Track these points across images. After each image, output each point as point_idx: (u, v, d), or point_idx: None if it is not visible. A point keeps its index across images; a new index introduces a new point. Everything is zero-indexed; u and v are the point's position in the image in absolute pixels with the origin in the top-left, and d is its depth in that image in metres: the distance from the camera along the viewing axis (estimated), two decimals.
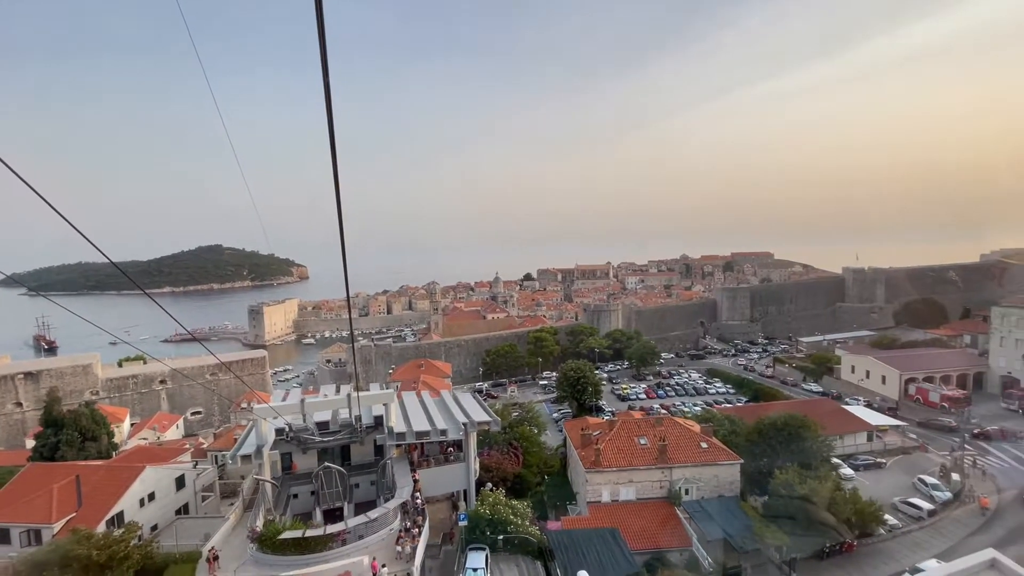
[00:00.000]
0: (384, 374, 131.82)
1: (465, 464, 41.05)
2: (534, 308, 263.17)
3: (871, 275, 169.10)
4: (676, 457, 39.58)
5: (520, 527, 32.97)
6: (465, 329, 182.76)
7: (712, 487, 39.27)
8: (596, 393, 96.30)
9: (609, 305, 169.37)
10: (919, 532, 39.07)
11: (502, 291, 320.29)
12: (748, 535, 32.89)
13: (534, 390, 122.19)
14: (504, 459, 50.17)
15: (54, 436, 48.60)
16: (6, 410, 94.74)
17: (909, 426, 66.67)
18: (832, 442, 47.50)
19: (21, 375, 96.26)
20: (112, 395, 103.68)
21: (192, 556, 30.93)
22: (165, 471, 44.28)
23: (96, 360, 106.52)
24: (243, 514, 36.60)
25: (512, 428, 59.25)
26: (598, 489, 38.90)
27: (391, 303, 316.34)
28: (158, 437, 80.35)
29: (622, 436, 41.50)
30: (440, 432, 39.18)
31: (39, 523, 36.71)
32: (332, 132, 6.16)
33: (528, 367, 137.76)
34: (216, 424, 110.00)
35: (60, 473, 41.52)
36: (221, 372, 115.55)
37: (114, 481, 40.39)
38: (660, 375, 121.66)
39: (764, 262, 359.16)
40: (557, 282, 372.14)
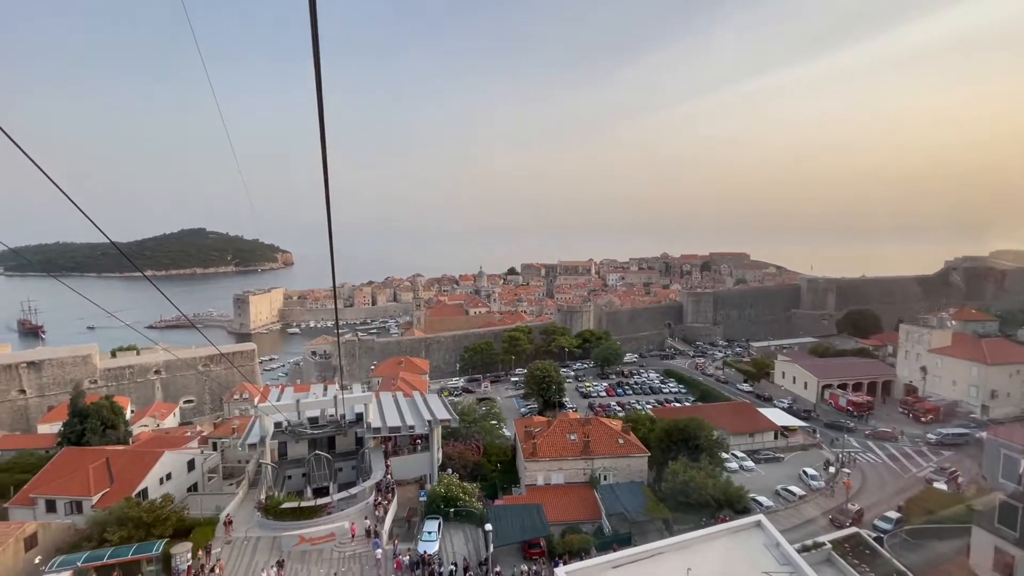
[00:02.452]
0: (367, 368, 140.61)
1: (429, 453, 50.72)
2: (515, 303, 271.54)
3: (824, 284, 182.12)
4: (598, 450, 49.54)
5: (468, 503, 42.66)
6: (447, 324, 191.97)
7: (625, 474, 49.30)
8: (560, 391, 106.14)
9: (581, 307, 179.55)
10: (785, 511, 49.96)
11: (485, 285, 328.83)
12: (641, 510, 42.88)
13: (506, 386, 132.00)
14: (466, 449, 59.72)
15: (80, 424, 56.91)
16: (10, 397, 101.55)
17: (817, 427, 78.07)
18: (727, 440, 58.17)
19: (24, 364, 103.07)
20: (109, 384, 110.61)
21: (211, 521, 39.88)
22: (179, 455, 53.04)
23: (95, 351, 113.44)
24: (249, 490, 45.70)
25: (475, 423, 69.08)
26: (534, 475, 48.78)
27: (376, 294, 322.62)
28: (158, 424, 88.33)
29: (557, 433, 51.34)
30: (409, 427, 48.71)
31: (80, 496, 45.29)
32: (322, 118, 6.21)
33: (503, 364, 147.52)
34: (207, 412, 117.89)
35: (91, 456, 49.98)
36: (213, 363, 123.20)
37: (138, 463, 49.05)
38: (622, 374, 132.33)
39: (740, 263, 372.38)
40: (540, 277, 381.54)
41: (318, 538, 37.26)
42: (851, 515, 46.37)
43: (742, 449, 66.47)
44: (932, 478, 56.47)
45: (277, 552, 36.23)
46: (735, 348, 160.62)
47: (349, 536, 38.25)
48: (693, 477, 43.35)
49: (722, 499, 42.82)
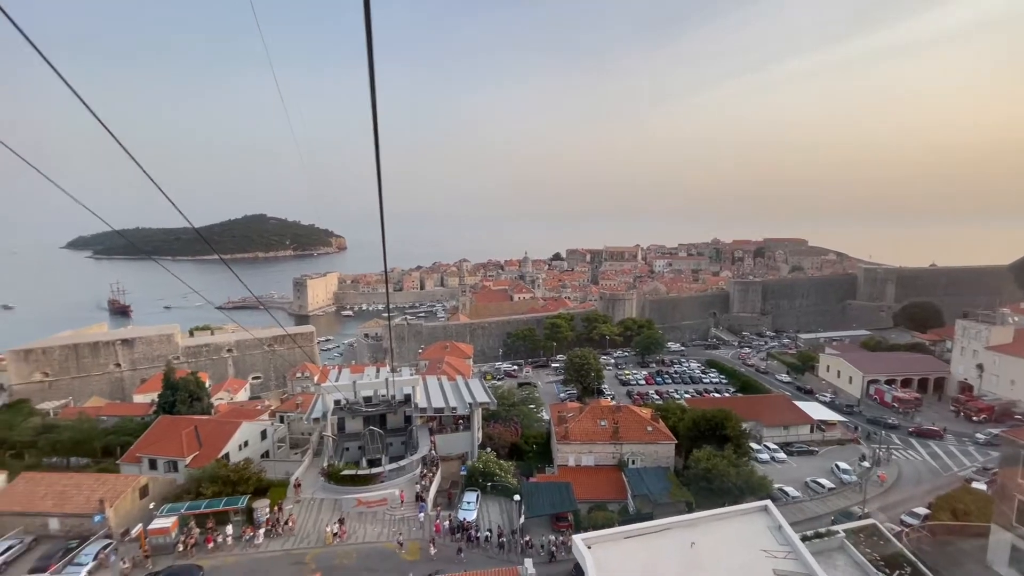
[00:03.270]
0: (415, 351, 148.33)
1: (470, 433, 55.55)
2: (559, 289, 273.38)
3: (882, 274, 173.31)
4: (626, 436, 52.56)
5: (503, 478, 47.09)
6: (491, 310, 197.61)
7: (652, 460, 52.11)
8: (598, 378, 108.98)
9: (624, 295, 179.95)
10: (810, 502, 51.40)
11: (530, 271, 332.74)
12: (665, 493, 45.73)
13: (547, 372, 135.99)
14: (505, 430, 64.26)
15: (171, 396, 65.72)
16: (108, 370, 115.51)
17: (859, 422, 77.24)
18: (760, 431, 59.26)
19: (119, 341, 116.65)
20: (189, 360, 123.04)
21: (283, 483, 46.28)
22: (254, 426, 60.47)
23: (176, 330, 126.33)
24: (313, 458, 52.06)
25: (515, 406, 73.52)
26: (566, 456, 52.53)
27: (424, 279, 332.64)
28: (232, 398, 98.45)
29: (588, 418, 54.72)
30: (451, 408, 53.65)
31: (175, 457, 53.12)
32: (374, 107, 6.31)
33: (544, 350, 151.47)
34: (273, 388, 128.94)
35: (182, 424, 57.99)
36: (277, 343, 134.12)
37: (222, 431, 56.60)
38: (662, 363, 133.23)
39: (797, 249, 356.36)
40: (585, 263, 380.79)
41: (373, 502, 42.79)
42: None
43: (775, 441, 67.39)
44: (972, 478, 55.78)
45: (338, 511, 42.00)
46: (782, 339, 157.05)
47: (399, 502, 43.57)
48: (716, 464, 45.73)
49: (744, 487, 44.99)
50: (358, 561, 36.48)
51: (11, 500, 39.59)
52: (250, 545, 37.97)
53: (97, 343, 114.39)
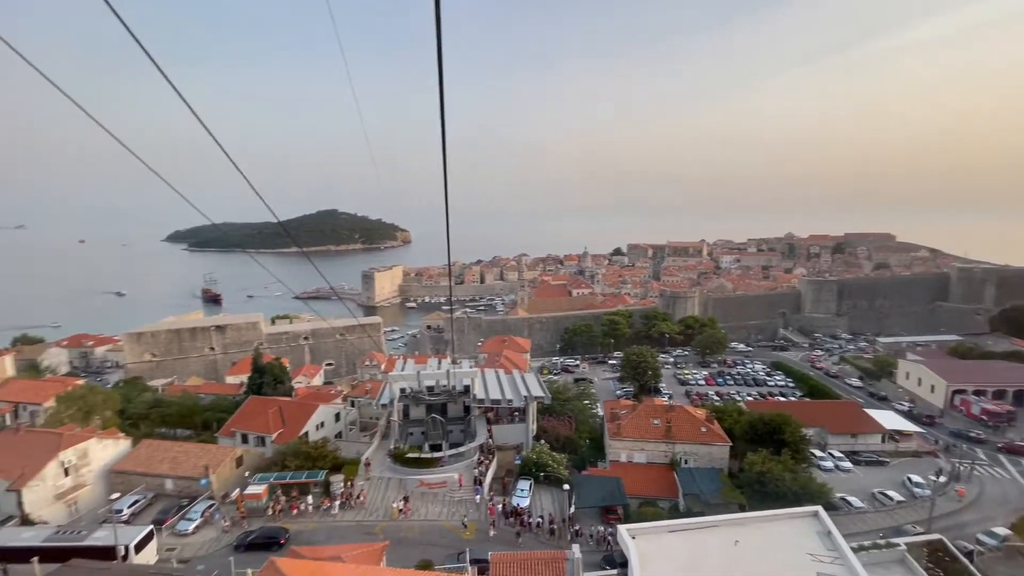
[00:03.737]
0: (474, 344, 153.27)
1: (525, 425, 58.09)
2: (619, 285, 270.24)
3: (980, 274, 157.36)
4: (679, 435, 52.91)
5: (556, 469, 49.22)
6: (549, 305, 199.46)
7: (705, 461, 52.17)
8: (655, 376, 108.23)
9: (686, 292, 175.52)
10: (875, 513, 49.43)
11: (590, 266, 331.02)
12: (717, 494, 45.90)
13: (604, 368, 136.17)
14: (559, 424, 66.30)
15: (259, 378, 73.35)
16: (204, 353, 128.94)
17: (940, 435, 72.13)
18: (824, 438, 57.12)
19: (214, 327, 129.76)
20: (271, 346, 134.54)
21: (355, 462, 50.99)
22: (329, 409, 66.35)
23: (261, 319, 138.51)
24: (381, 441, 56.65)
25: (569, 401, 75.29)
26: (617, 452, 53.77)
27: (484, 273, 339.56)
28: (308, 383, 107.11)
29: (641, 416, 55.50)
30: (507, 401, 56.40)
31: (263, 432, 59.56)
32: (442, 102, 6.43)
33: (601, 347, 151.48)
34: (344, 374, 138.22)
35: (269, 404, 64.71)
36: (348, 332, 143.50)
37: (302, 412, 62.68)
38: (724, 364, 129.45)
39: (882, 245, 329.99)
40: (647, 258, 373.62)
41: (434, 483, 46.40)
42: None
43: (841, 449, 64.69)
44: None
45: (403, 490, 45.93)
46: (859, 343, 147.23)
47: (458, 485, 46.90)
48: (771, 469, 45.34)
49: (801, 492, 44.29)
50: (420, 535, 40.04)
51: (136, 462, 46.73)
52: (327, 514, 42.66)
53: (195, 328, 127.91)
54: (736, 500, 45.20)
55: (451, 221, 11.45)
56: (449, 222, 11.23)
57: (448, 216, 10.94)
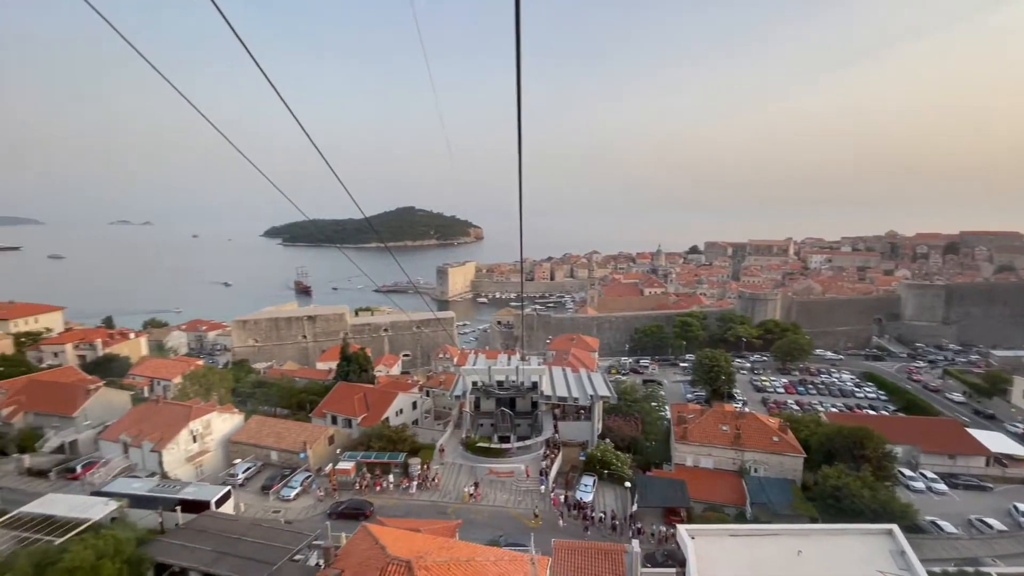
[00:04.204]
0: (543, 341, 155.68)
1: (590, 423, 59.61)
2: (694, 285, 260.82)
3: None
4: (749, 443, 51.87)
5: (620, 468, 50.39)
6: (619, 304, 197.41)
7: (777, 471, 50.75)
8: (729, 381, 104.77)
9: (767, 294, 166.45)
10: (969, 540, 45.71)
11: (663, 264, 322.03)
12: (787, 505, 44.75)
13: (674, 371, 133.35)
14: (625, 424, 66.99)
15: (347, 366, 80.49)
16: (297, 341, 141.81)
17: None
18: (916, 457, 52.97)
19: (306, 317, 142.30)
20: (355, 336, 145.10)
21: (430, 447, 55.20)
22: (407, 397, 71.58)
23: (346, 310, 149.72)
24: (453, 430, 60.63)
25: (636, 402, 75.50)
26: (684, 456, 53.71)
27: (554, 270, 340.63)
28: (387, 372, 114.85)
29: (709, 422, 54.92)
30: (574, 399, 58.22)
31: (350, 415, 65.59)
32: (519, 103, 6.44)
33: (673, 348, 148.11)
34: (419, 365, 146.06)
35: (355, 390, 70.97)
36: (424, 326, 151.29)
37: (383, 398, 68.23)
38: (808, 372, 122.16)
39: (1006, 245, 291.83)
40: (726, 257, 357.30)
41: (502, 472, 49.36)
42: None
43: (936, 470, 59.76)
44: None
45: (473, 476, 49.31)
46: (970, 355, 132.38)
47: (524, 476, 49.54)
48: (848, 484, 43.59)
49: (880, 511, 42.25)
50: (489, 519, 43.06)
51: (248, 435, 53.84)
52: (406, 493, 46.93)
53: (290, 318, 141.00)
54: (807, 513, 44.02)
55: (523, 217, 11.40)
56: (523, 221, 11.30)
57: (522, 215, 10.98)
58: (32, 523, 32.15)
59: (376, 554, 21.92)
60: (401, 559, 20.07)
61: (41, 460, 48.82)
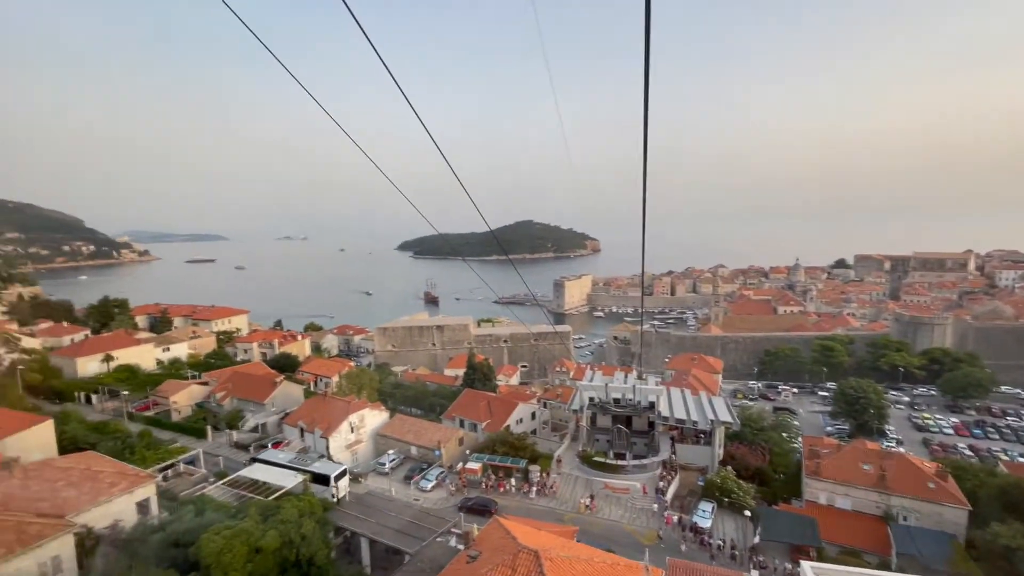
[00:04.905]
0: (661, 359, 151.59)
1: (710, 448, 58.33)
2: (840, 304, 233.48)
3: None
4: (897, 487, 46.68)
5: (741, 497, 48.90)
6: (748, 323, 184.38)
7: (932, 521, 44.98)
8: (880, 416, 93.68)
9: (934, 318, 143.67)
10: None
11: (801, 280, 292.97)
12: (942, 561, 39.65)
13: (812, 399, 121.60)
14: (749, 453, 64.04)
15: (473, 374, 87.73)
16: (428, 348, 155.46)
17: None
18: None
19: (435, 326, 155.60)
20: (477, 346, 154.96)
21: (548, 456, 58.50)
22: (526, 407, 75.95)
23: (471, 321, 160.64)
24: (570, 442, 63.33)
25: (763, 431, 71.47)
26: (816, 492, 50.03)
27: (675, 284, 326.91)
28: (507, 382, 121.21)
29: (848, 458, 50.41)
30: (692, 422, 57.58)
31: (476, 420, 71.54)
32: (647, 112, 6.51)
33: (811, 374, 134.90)
34: (536, 377, 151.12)
35: (480, 397, 77.08)
36: (540, 339, 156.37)
37: (505, 407, 73.30)
38: (988, 411, 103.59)
39: None
40: (881, 272, 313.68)
41: (618, 488, 50.88)
42: None
43: None
44: None
45: (589, 489, 51.48)
46: None
47: (641, 493, 50.50)
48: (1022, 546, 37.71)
49: None
50: (604, 532, 44.90)
51: (392, 430, 62.06)
52: (526, 497, 50.64)
53: (422, 327, 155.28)
54: (971, 573, 38.98)
55: (645, 229, 11.26)
56: (645, 236, 11.21)
57: (644, 228, 10.88)
58: (246, 484, 41.71)
59: (508, 543, 25.61)
60: (530, 548, 23.45)
61: (243, 436, 61.60)
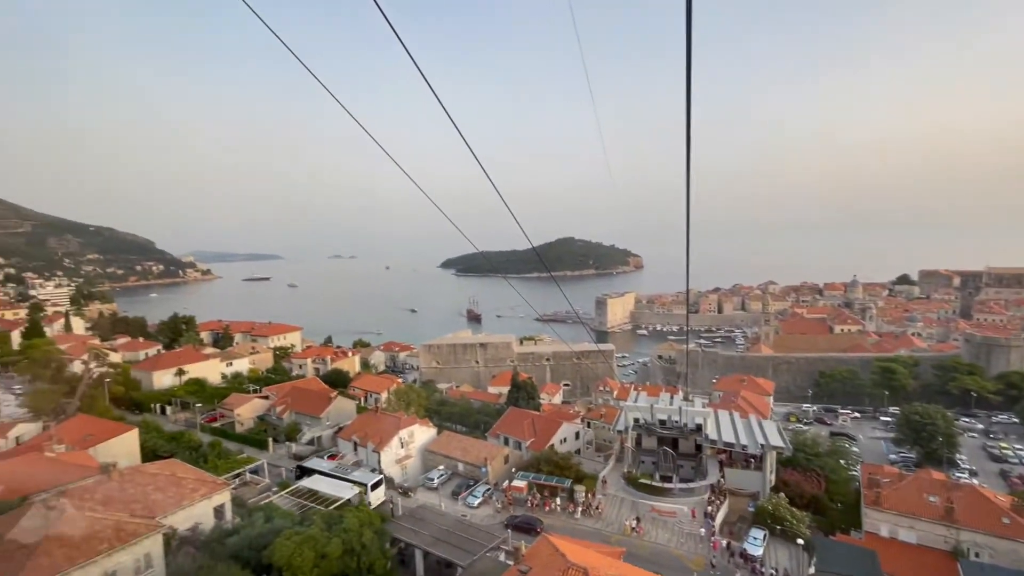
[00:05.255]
0: (708, 379, 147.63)
1: (762, 473, 56.83)
2: (904, 323, 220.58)
3: None
4: (967, 521, 43.96)
5: (794, 526, 47.42)
6: (801, 343, 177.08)
7: (1009, 559, 41.96)
8: (950, 445, 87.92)
9: (1012, 339, 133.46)
10: None
11: (860, 297, 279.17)
12: None
13: (873, 425, 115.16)
14: (803, 479, 61.79)
15: (517, 393, 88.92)
16: (471, 365, 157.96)
17: None
18: None
19: (479, 344, 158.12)
20: (520, 364, 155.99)
21: (593, 477, 58.56)
22: (570, 427, 76.25)
23: (513, 339, 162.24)
24: (615, 463, 63.17)
25: (818, 457, 68.70)
26: (876, 524, 47.75)
27: (722, 302, 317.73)
28: (550, 400, 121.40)
29: (911, 489, 47.88)
30: (742, 446, 56.38)
31: (520, 438, 72.48)
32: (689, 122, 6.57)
33: (871, 398, 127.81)
34: (578, 396, 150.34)
35: (524, 415, 78.06)
36: (583, 357, 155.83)
37: (549, 426, 73.90)
38: None
39: None
40: (950, 289, 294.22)
41: (665, 511, 50.43)
42: None
43: None
44: None
45: (635, 511, 51.26)
46: None
47: (690, 517, 49.86)
48: None
49: None
50: (650, 556, 44.63)
51: (439, 446, 63.91)
52: (571, 517, 50.99)
53: (465, 344, 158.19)
54: None
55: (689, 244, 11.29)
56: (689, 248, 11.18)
57: (689, 243, 10.83)
58: (305, 494, 44.41)
59: (557, 560, 26.55)
60: (579, 565, 24.33)
61: (301, 449, 65.11)
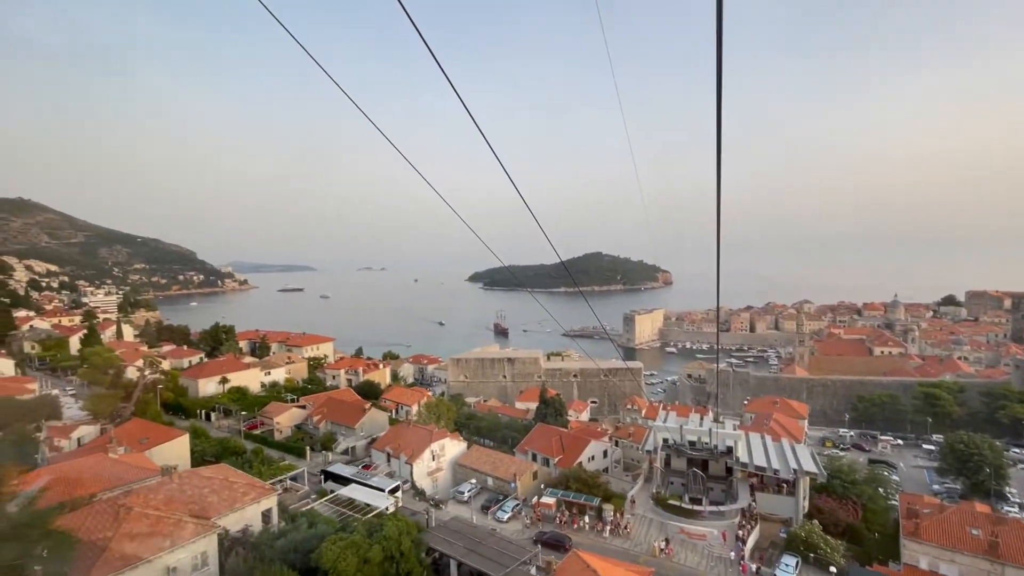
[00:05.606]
0: (739, 400, 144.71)
1: (795, 499, 55.97)
2: (949, 347, 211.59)
3: None
4: (1012, 557, 42.54)
5: (829, 554, 46.62)
6: (837, 365, 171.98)
7: None
8: (999, 476, 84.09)
9: None
10: None
11: (901, 318, 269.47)
12: None
13: (915, 452, 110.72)
14: (839, 507, 60.45)
15: (545, 409, 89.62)
16: (498, 380, 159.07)
17: None
18: None
19: (506, 359, 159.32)
20: (547, 380, 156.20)
21: (621, 496, 58.77)
22: (598, 445, 76.43)
23: (540, 355, 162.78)
24: (643, 483, 63.16)
25: (855, 484, 66.96)
26: (915, 556, 46.41)
27: (755, 320, 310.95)
28: (577, 418, 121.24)
29: (952, 521, 46.41)
30: (774, 471, 55.71)
31: (548, 455, 73.00)
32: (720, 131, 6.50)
33: (913, 425, 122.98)
34: (606, 413, 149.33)
35: (552, 432, 78.64)
36: (611, 374, 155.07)
37: (577, 443, 74.26)
38: None
39: None
40: (1000, 311, 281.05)
41: (694, 534, 50.29)
42: None
43: None
44: None
45: (664, 532, 51.27)
46: None
47: (720, 541, 49.59)
48: None
49: None
50: None
51: (470, 460, 65.24)
52: (599, 535, 51.35)
53: (493, 359, 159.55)
54: None
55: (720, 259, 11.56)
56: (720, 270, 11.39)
57: (719, 258, 10.99)
58: (344, 503, 46.34)
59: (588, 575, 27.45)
60: None
61: (336, 459, 67.40)
